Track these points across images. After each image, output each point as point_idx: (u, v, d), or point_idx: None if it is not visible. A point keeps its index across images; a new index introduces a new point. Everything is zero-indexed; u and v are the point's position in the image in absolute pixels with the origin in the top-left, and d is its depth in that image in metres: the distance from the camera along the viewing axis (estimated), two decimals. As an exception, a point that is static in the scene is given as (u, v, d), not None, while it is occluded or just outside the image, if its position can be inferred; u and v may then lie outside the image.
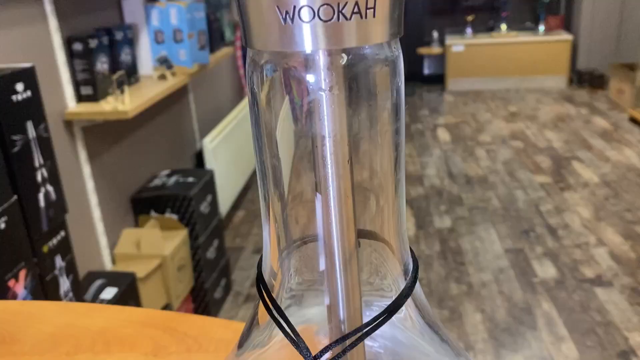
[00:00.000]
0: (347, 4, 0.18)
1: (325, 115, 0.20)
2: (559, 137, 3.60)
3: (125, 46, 1.72)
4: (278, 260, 0.25)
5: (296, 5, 0.18)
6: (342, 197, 0.22)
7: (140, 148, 1.93)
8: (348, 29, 0.18)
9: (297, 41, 0.18)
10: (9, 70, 1.10)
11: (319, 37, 0.18)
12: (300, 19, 0.18)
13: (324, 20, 0.18)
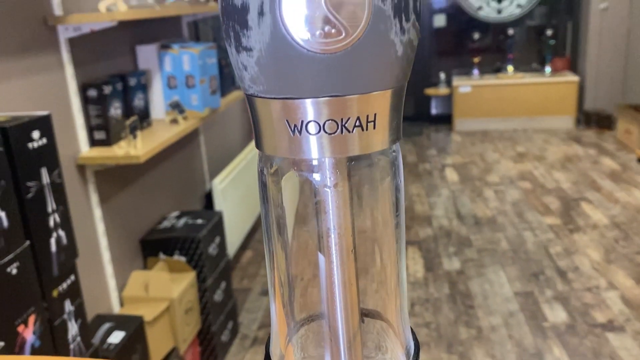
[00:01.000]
0: (349, 119, 0.19)
1: (330, 210, 0.22)
2: (567, 177, 3.60)
3: (138, 91, 1.77)
4: (286, 341, 0.26)
5: (304, 120, 0.19)
6: (346, 284, 0.23)
7: (150, 190, 1.96)
8: (351, 141, 0.20)
9: (304, 150, 0.20)
10: (26, 119, 1.14)
11: (325, 147, 0.20)
12: (307, 132, 0.19)
13: (329, 133, 0.19)
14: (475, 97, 4.81)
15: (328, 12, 0.18)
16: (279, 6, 0.18)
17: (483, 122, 4.86)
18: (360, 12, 0.18)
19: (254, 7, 0.18)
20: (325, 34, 0.18)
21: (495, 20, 4.96)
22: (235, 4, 0.18)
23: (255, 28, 0.18)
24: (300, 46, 0.18)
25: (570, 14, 4.88)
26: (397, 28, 0.19)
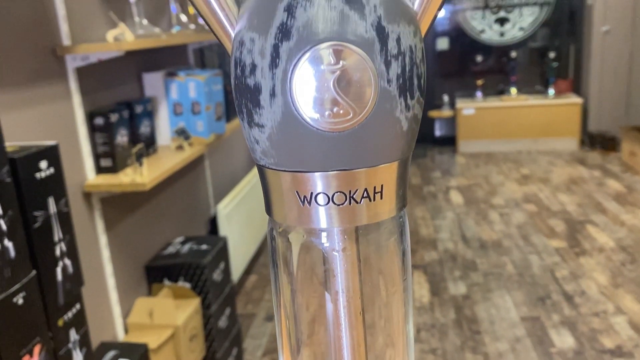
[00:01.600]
0: (357, 191, 0.20)
1: (338, 273, 0.22)
2: (572, 200, 3.59)
3: (144, 118, 1.78)
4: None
5: (313, 191, 0.20)
6: (354, 346, 0.24)
7: (155, 216, 1.97)
8: (359, 211, 0.20)
9: (313, 220, 0.20)
10: (34, 149, 1.15)
11: (333, 217, 0.20)
12: (316, 203, 0.20)
13: (337, 205, 0.20)
14: (479, 119, 4.82)
15: (336, 94, 0.18)
16: (290, 88, 0.18)
17: (487, 144, 4.87)
18: (367, 93, 0.19)
19: (266, 88, 0.19)
20: (334, 114, 0.19)
21: (498, 43, 5.00)
22: (248, 83, 0.19)
23: (267, 107, 0.19)
24: (310, 125, 0.19)
25: (573, 36, 4.92)
26: (402, 106, 0.19)
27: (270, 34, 0.20)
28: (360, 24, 0.19)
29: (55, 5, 1.45)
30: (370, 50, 0.19)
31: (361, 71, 0.19)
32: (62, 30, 1.46)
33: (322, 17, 0.19)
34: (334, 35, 0.19)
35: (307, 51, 0.19)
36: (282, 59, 0.19)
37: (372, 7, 0.20)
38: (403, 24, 0.20)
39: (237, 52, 0.21)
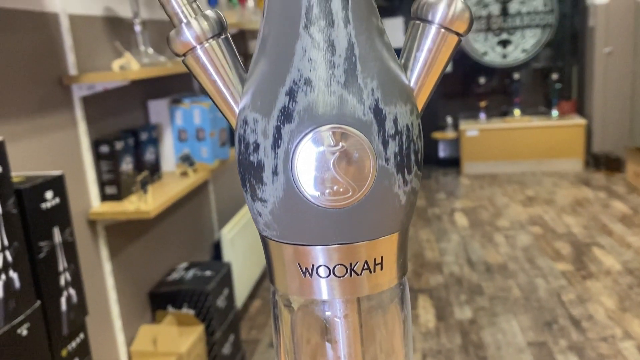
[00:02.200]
0: (357, 263, 0.20)
1: (340, 339, 0.22)
2: (577, 222, 3.57)
3: (149, 145, 1.80)
4: None
5: (314, 264, 0.20)
6: (357, 410, 0.24)
7: (160, 242, 1.97)
8: (360, 283, 0.21)
9: (315, 291, 0.21)
10: (39, 179, 1.16)
11: (335, 289, 0.20)
12: (318, 275, 0.20)
13: (339, 277, 0.20)
14: (483, 141, 4.83)
15: (336, 174, 0.19)
16: (292, 168, 0.19)
17: (491, 165, 4.86)
18: (365, 172, 0.19)
19: (269, 166, 0.19)
20: (334, 192, 0.19)
21: (501, 65, 5.03)
22: (251, 160, 0.19)
23: (270, 184, 0.20)
24: (311, 202, 0.19)
25: (575, 58, 4.94)
26: (400, 182, 0.20)
27: (273, 116, 0.20)
28: (359, 108, 0.20)
29: (62, 36, 1.47)
30: (369, 131, 0.20)
31: (360, 151, 0.19)
32: (68, 60, 1.48)
33: (322, 101, 0.20)
34: (333, 119, 0.20)
35: (308, 133, 0.19)
36: (284, 140, 0.20)
37: (370, 90, 0.20)
38: (400, 104, 0.20)
39: (241, 130, 0.22)
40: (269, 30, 0.23)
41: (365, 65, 0.21)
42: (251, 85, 0.22)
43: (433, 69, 0.23)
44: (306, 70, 0.21)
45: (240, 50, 2.82)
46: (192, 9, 0.26)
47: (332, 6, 0.22)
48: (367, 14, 0.23)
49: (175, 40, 0.26)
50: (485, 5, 4.91)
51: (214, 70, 0.24)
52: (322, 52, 0.21)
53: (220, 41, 0.25)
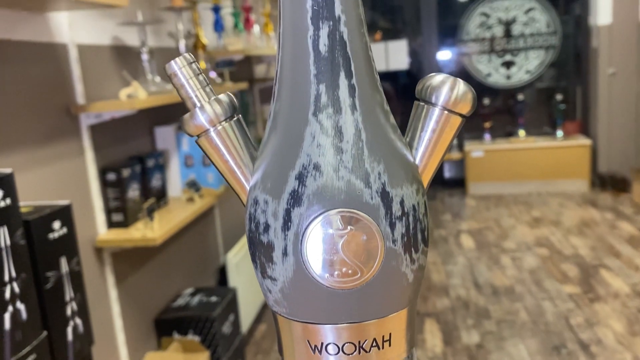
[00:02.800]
0: (366, 341, 0.21)
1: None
2: (584, 243, 3.55)
3: (156, 172, 1.81)
4: None
5: (323, 342, 0.21)
6: None
7: (165, 267, 1.97)
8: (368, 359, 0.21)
9: (325, 370, 0.21)
10: (47, 210, 1.16)
11: (344, 367, 0.21)
12: (327, 352, 0.21)
13: (347, 354, 0.21)
14: (488, 162, 4.83)
15: (345, 256, 0.19)
16: (301, 250, 0.19)
17: (497, 186, 4.86)
18: (373, 255, 0.20)
19: (279, 247, 0.20)
20: (343, 274, 0.19)
21: (505, 86, 5.05)
22: (261, 240, 0.20)
23: (280, 264, 0.20)
24: (320, 283, 0.20)
25: (579, 78, 4.96)
26: (407, 261, 0.20)
27: (283, 199, 0.21)
28: (366, 192, 0.20)
29: (70, 66, 1.49)
30: (376, 215, 0.20)
31: (368, 234, 0.20)
32: (76, 90, 1.50)
33: (331, 186, 0.20)
34: (341, 203, 0.20)
35: (317, 217, 0.20)
36: (294, 222, 0.20)
37: (377, 174, 0.21)
38: (406, 185, 0.21)
39: (251, 209, 0.22)
40: (279, 107, 0.24)
41: (372, 149, 0.22)
42: (262, 163, 0.23)
43: (437, 148, 0.24)
44: (315, 156, 0.22)
45: (245, 75, 2.85)
46: (206, 92, 0.27)
47: (339, 94, 0.23)
48: (373, 99, 0.24)
49: (189, 123, 0.26)
50: (488, 27, 4.95)
51: (226, 150, 0.25)
52: (331, 138, 0.22)
53: (233, 123, 0.26)
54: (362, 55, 0.25)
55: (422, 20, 5.08)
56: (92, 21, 1.58)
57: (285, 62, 0.25)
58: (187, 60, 0.28)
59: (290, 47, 0.25)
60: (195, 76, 0.28)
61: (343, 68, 0.23)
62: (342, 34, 0.24)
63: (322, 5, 0.24)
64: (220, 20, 2.20)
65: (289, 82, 0.24)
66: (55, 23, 1.43)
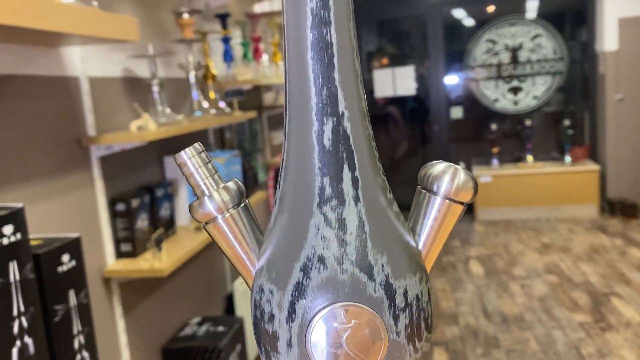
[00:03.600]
0: None
1: None
2: (594, 270, 3.52)
3: (165, 201, 1.82)
4: None
5: None
6: None
7: (173, 296, 1.97)
8: None
9: None
10: (57, 243, 1.17)
11: None
12: None
13: None
14: (497, 187, 4.82)
15: (348, 349, 0.20)
16: (306, 342, 0.20)
17: (505, 211, 4.84)
18: (377, 347, 0.20)
19: (283, 338, 0.20)
20: (346, 366, 0.20)
21: (512, 112, 5.06)
22: (266, 329, 0.20)
23: (284, 354, 0.20)
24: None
25: (586, 103, 4.96)
26: (411, 351, 0.20)
27: (288, 290, 0.21)
28: (370, 285, 0.21)
29: (82, 98, 1.51)
30: (380, 308, 0.21)
31: (372, 328, 0.20)
32: (87, 122, 1.52)
33: (335, 279, 0.21)
34: (345, 297, 0.21)
35: (321, 310, 0.20)
36: (298, 315, 0.21)
37: (380, 266, 0.21)
38: (409, 275, 0.21)
39: (257, 296, 0.23)
40: (285, 194, 0.25)
41: (376, 241, 0.23)
42: (268, 248, 0.23)
43: (439, 235, 0.25)
44: (319, 248, 0.22)
45: (254, 102, 2.87)
46: (214, 180, 0.27)
47: (343, 186, 0.24)
48: (376, 189, 0.25)
49: (197, 211, 0.27)
50: (495, 53, 4.98)
51: (233, 237, 0.26)
52: (334, 230, 0.23)
53: (240, 209, 0.27)
54: (365, 147, 0.26)
55: (429, 46, 5.12)
56: (104, 54, 1.61)
57: (291, 153, 0.26)
58: (197, 150, 0.29)
59: (296, 139, 0.25)
60: (204, 165, 0.29)
61: (347, 161, 0.24)
62: (345, 129, 0.25)
63: (327, 101, 0.25)
64: (230, 51, 2.23)
65: (294, 173, 0.25)
66: (68, 57, 1.46)
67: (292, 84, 0.26)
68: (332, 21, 0.26)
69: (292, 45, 0.27)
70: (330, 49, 0.26)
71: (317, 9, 0.25)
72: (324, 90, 0.25)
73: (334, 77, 0.26)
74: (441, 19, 5.04)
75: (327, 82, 0.25)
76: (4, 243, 1.03)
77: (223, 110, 2.06)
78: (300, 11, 0.26)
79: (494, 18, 4.95)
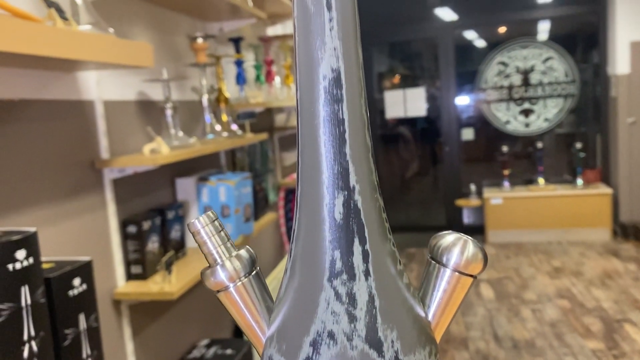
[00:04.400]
0: None
1: None
2: (607, 295, 3.47)
3: (175, 223, 1.83)
4: None
5: None
6: None
7: (181, 318, 1.97)
8: None
9: None
10: (68, 267, 1.18)
11: None
12: None
13: None
14: (508, 209, 4.79)
15: None
16: None
17: (517, 234, 4.80)
18: None
19: None
20: None
21: (524, 134, 5.05)
22: None
23: None
24: None
25: (598, 126, 4.94)
26: None
27: None
28: None
29: (96, 122, 1.53)
30: (390, 387, 0.21)
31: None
32: (101, 144, 1.54)
33: (344, 356, 0.21)
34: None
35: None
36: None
37: (390, 342, 0.21)
38: (419, 349, 0.22)
39: (268, 369, 0.23)
40: (297, 256, 0.25)
41: (386, 316, 0.23)
42: (278, 317, 0.23)
43: (449, 306, 0.25)
44: (329, 323, 0.22)
45: (266, 125, 2.89)
46: (226, 248, 0.28)
47: (353, 260, 0.24)
48: (386, 261, 0.25)
49: (209, 279, 0.28)
50: (507, 75, 4.99)
51: (244, 305, 0.26)
52: (345, 305, 0.23)
53: (251, 277, 0.27)
54: (375, 219, 0.27)
55: (440, 67, 5.14)
56: (119, 78, 1.63)
57: (302, 224, 0.26)
58: (210, 218, 0.30)
59: (307, 211, 0.26)
60: (217, 233, 0.29)
61: (357, 235, 0.25)
62: (356, 202, 0.26)
63: (338, 176, 0.25)
64: (243, 73, 2.25)
65: (305, 244, 0.26)
66: (84, 81, 1.48)
67: (304, 157, 0.27)
68: (345, 99, 0.26)
69: (305, 119, 0.27)
70: (342, 125, 0.26)
71: (330, 87, 0.26)
72: (335, 165, 0.26)
73: (346, 152, 0.26)
74: (452, 40, 5.07)
75: (339, 156, 0.26)
76: (16, 267, 1.04)
77: (235, 132, 2.08)
78: (314, 88, 0.27)
79: (506, 40, 4.96)
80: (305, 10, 0.26)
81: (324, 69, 0.26)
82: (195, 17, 2.11)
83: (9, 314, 1.03)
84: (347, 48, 0.26)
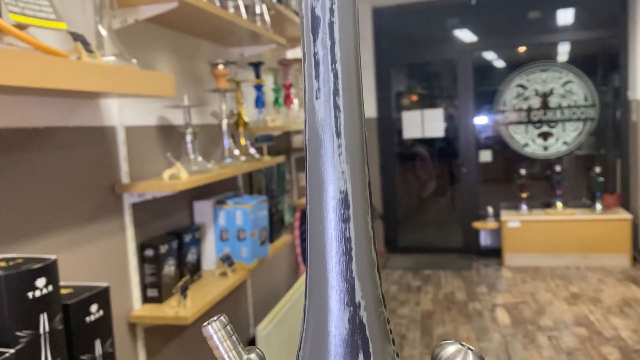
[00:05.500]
0: None
1: None
2: (626, 324, 3.41)
3: (192, 246, 1.85)
4: None
5: None
6: None
7: (196, 340, 1.98)
8: None
9: None
10: (86, 293, 1.20)
11: None
12: None
13: None
14: (525, 232, 4.75)
15: None
16: None
17: (534, 257, 4.75)
18: None
19: None
20: None
21: (542, 157, 5.01)
22: None
23: None
24: None
25: (618, 150, 4.89)
26: None
27: None
28: None
29: (117, 147, 1.56)
30: None
31: None
32: (122, 169, 1.57)
33: None
34: None
35: None
36: None
37: None
38: None
39: None
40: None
41: None
42: None
43: None
44: None
45: (283, 146, 2.92)
46: (237, 352, 0.29)
47: None
48: None
49: None
50: (525, 98, 4.97)
51: None
52: None
53: None
54: (379, 334, 0.28)
55: (458, 88, 5.14)
56: (141, 104, 1.66)
57: (309, 338, 0.27)
58: (222, 323, 0.31)
59: (313, 324, 0.27)
60: (229, 338, 0.30)
61: (362, 350, 0.26)
62: (361, 318, 0.27)
63: (344, 291, 0.26)
64: (262, 97, 2.28)
65: (311, 358, 0.27)
66: (106, 108, 1.51)
67: (312, 271, 0.28)
68: (351, 218, 0.28)
69: (313, 237, 0.29)
70: (349, 243, 0.28)
71: (338, 207, 0.27)
72: (342, 281, 0.27)
73: (352, 268, 0.27)
74: (471, 61, 5.07)
75: (346, 273, 0.27)
76: (36, 295, 1.06)
77: (253, 156, 2.10)
78: (323, 209, 0.28)
79: (525, 62, 4.95)
80: (315, 136, 0.28)
81: (333, 190, 0.28)
82: (217, 42, 2.15)
83: (27, 341, 1.05)
84: (354, 171, 0.27)
